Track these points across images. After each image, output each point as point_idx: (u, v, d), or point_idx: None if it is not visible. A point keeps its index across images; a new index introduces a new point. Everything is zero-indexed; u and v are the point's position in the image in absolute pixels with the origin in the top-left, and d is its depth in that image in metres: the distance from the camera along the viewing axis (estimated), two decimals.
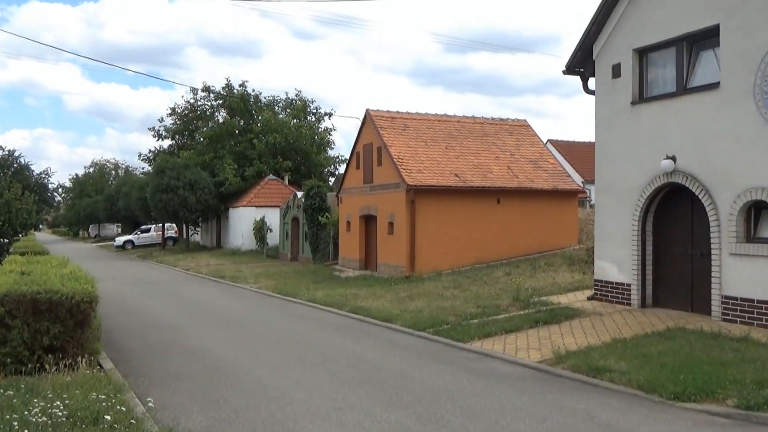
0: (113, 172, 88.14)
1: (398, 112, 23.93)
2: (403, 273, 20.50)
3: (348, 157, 26.53)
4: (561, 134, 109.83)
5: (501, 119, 25.69)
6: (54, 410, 6.19)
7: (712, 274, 11.52)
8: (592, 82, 14.39)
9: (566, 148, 42.95)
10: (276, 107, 46.59)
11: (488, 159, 23.01)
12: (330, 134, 46.60)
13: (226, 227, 43.02)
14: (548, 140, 42.12)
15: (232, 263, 31.79)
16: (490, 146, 23.71)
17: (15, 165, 42.32)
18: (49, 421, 6.00)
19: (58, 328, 8.38)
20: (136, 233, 54.11)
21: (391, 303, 15.45)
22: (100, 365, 9.10)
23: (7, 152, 42.37)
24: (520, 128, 25.40)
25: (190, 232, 47.52)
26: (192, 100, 47.11)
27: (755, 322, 10.73)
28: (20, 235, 21.32)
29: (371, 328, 13.00)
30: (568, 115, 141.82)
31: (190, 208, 39.87)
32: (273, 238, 36.45)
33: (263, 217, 36.71)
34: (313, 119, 46.61)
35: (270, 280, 22.91)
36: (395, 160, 21.29)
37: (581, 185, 28.49)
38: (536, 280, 16.84)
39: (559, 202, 22.72)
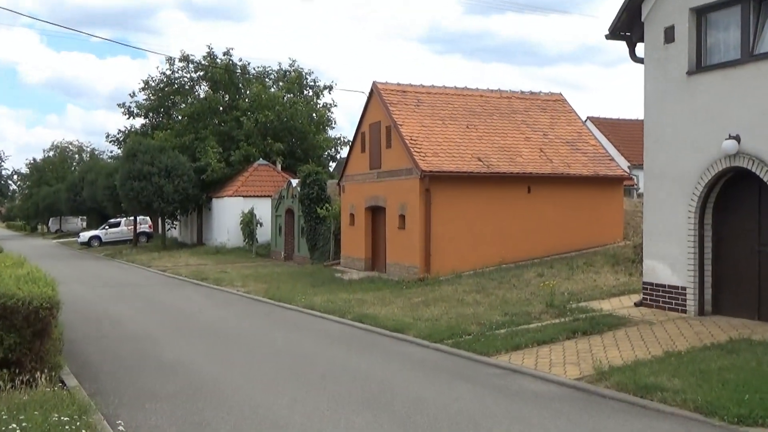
0: (77, 156, 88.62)
1: (410, 85, 23.91)
2: (416, 274, 20.57)
3: (351, 139, 26.38)
4: (603, 110, 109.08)
5: (532, 93, 25.73)
6: None
7: None
8: (640, 49, 14.30)
9: (609, 126, 42.77)
10: (267, 80, 46.73)
11: (517, 140, 22.87)
12: (330, 111, 46.82)
13: (209, 221, 43.19)
14: (588, 118, 41.98)
15: (215, 263, 31.88)
16: (519, 125, 23.58)
17: None
18: None
19: (14, 339, 8.39)
20: (103, 228, 54.43)
21: (403, 310, 15.58)
22: (63, 382, 9.11)
23: None
24: (555, 103, 25.31)
25: (167, 227, 47.64)
26: (168, 72, 47.31)
27: None
28: None
29: (379, 340, 13.10)
30: (612, 87, 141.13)
31: (167, 199, 39.91)
32: (263, 234, 36.57)
33: (252, 209, 36.87)
34: (311, 94, 46.72)
35: (260, 282, 23.04)
36: (407, 142, 21.28)
37: (627, 171, 28.33)
38: (574, 283, 16.92)
39: (602, 191, 22.57)
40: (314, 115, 45.15)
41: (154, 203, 40.07)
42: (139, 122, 49.85)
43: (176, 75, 47.28)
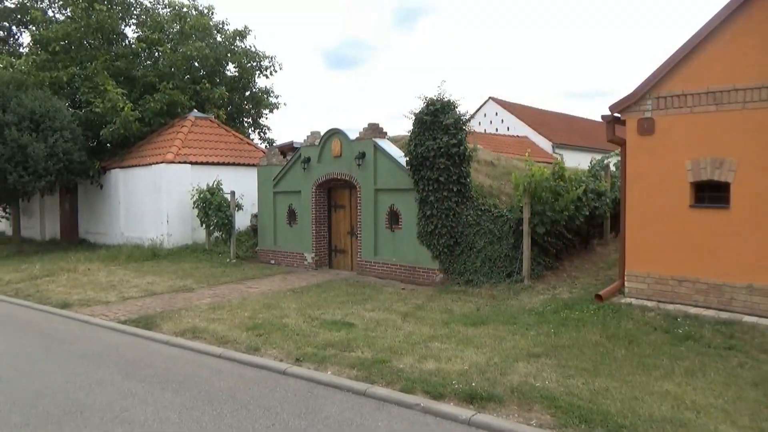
0: None
1: None
2: None
3: None
4: None
5: None
6: None
7: None
8: None
9: None
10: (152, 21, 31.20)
11: None
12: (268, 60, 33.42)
13: (107, 203, 28.39)
14: None
15: (166, 276, 19.17)
16: None
17: None
18: None
19: None
20: None
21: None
22: None
23: None
24: None
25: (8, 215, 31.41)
26: None
27: None
28: None
29: None
30: None
31: (35, 169, 24.68)
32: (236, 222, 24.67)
33: (217, 182, 24.10)
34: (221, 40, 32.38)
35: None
36: None
37: None
38: None
39: None
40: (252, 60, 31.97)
41: (10, 176, 24.31)
42: None
43: None
